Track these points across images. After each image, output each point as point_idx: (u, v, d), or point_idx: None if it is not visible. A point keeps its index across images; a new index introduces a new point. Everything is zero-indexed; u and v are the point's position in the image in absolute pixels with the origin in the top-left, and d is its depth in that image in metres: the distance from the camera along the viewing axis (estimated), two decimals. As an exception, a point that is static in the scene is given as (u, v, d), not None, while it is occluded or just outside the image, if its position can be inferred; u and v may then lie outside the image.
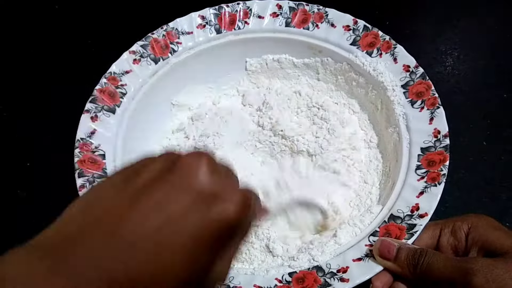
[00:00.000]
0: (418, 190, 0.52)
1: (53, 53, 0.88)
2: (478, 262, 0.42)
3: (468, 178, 0.67)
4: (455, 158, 0.66)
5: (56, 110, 0.78)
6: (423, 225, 0.49)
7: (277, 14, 0.68)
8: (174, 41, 0.67)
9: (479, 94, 0.76)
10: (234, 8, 0.68)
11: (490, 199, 0.65)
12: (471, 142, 0.70)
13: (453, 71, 0.79)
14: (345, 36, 0.65)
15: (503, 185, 0.66)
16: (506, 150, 0.69)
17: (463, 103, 0.74)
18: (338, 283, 0.46)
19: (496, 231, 0.45)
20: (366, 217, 0.54)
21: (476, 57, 0.81)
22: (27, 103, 0.82)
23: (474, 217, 0.47)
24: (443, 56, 0.81)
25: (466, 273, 0.41)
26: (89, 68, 0.65)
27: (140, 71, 0.64)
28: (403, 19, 0.86)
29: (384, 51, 0.62)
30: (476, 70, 0.79)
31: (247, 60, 0.71)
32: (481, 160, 0.69)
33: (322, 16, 0.66)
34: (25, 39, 0.91)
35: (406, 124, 0.58)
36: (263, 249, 0.56)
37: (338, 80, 0.68)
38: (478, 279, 0.40)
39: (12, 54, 0.89)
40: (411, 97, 0.59)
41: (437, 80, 0.76)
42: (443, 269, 0.43)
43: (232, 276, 0.48)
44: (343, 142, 0.63)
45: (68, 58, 0.86)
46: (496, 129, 0.71)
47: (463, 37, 0.83)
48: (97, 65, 0.64)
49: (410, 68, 0.60)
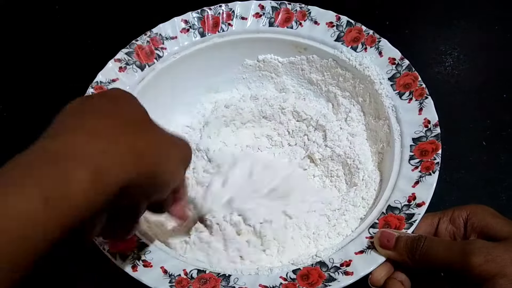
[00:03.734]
0: (413, 180, 0.52)
1: (53, 53, 0.87)
2: (477, 243, 0.42)
3: (468, 178, 0.68)
4: (455, 158, 0.68)
5: (56, 110, 0.77)
6: (421, 214, 0.49)
7: (260, 15, 0.68)
8: (159, 46, 0.66)
9: (479, 94, 0.76)
10: (216, 11, 0.68)
11: (490, 199, 0.66)
12: (471, 142, 0.71)
13: (453, 71, 0.79)
14: (329, 33, 0.65)
15: (503, 185, 0.67)
16: (506, 150, 0.70)
17: (463, 103, 0.75)
18: (343, 276, 0.46)
19: (494, 218, 0.46)
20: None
21: (476, 57, 0.81)
22: (27, 103, 0.81)
23: (472, 206, 0.48)
24: (443, 56, 0.81)
25: (465, 253, 0.41)
26: (89, 68, 0.64)
27: (127, 78, 0.64)
28: (403, 19, 0.87)
29: (368, 45, 0.63)
30: (476, 70, 0.80)
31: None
32: (481, 160, 0.69)
33: (305, 14, 0.67)
34: (25, 39, 0.90)
35: (395, 116, 0.58)
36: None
37: (325, 77, 0.68)
38: (477, 259, 0.40)
39: (12, 54, 0.88)
40: (399, 89, 0.60)
41: (437, 80, 0.78)
42: (442, 252, 0.43)
43: (236, 277, 0.48)
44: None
45: (68, 58, 0.86)
46: (496, 129, 0.72)
47: (463, 37, 0.84)
48: (97, 65, 0.63)
49: (396, 60, 0.61)
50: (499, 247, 0.41)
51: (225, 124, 0.69)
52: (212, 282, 0.48)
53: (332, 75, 0.67)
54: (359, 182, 0.60)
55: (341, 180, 0.64)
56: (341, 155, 0.63)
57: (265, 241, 0.56)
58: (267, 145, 0.69)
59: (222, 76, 0.72)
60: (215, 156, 0.64)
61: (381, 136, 0.61)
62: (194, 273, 0.49)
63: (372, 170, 0.61)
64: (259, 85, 0.73)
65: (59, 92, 0.79)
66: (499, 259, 0.40)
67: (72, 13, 0.93)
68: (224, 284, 0.48)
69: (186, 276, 0.48)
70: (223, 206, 0.57)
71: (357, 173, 0.61)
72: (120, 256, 0.49)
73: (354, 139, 0.64)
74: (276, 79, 0.72)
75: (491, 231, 0.45)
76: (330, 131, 0.65)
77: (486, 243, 0.42)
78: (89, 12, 0.93)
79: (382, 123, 0.60)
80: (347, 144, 0.64)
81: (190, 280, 0.48)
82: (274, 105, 0.70)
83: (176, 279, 0.48)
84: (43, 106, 0.78)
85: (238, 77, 0.73)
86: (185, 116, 0.72)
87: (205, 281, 0.48)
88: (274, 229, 0.56)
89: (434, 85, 0.59)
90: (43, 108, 0.78)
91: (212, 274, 0.49)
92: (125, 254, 0.49)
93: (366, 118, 0.65)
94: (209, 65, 0.70)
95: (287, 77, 0.72)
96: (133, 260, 0.49)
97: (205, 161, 0.64)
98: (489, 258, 0.40)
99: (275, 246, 0.56)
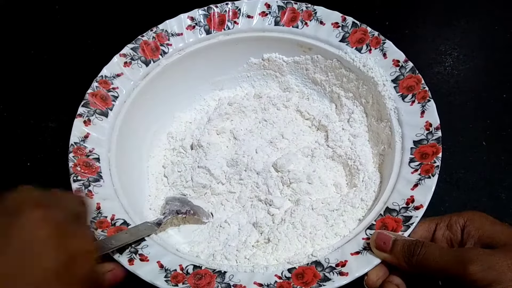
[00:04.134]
0: (413, 182, 0.52)
1: (53, 53, 0.88)
2: (475, 251, 0.42)
3: (468, 178, 0.67)
4: (455, 158, 0.67)
5: (56, 109, 0.78)
6: (419, 217, 0.49)
7: (266, 13, 0.68)
8: (164, 43, 0.67)
9: (479, 94, 0.76)
10: (223, 9, 0.69)
11: (489, 199, 0.65)
12: (471, 142, 0.71)
13: (453, 71, 0.79)
14: (334, 33, 0.65)
15: (503, 185, 0.67)
16: (506, 150, 0.70)
17: (463, 103, 0.75)
18: (338, 277, 0.46)
19: (492, 224, 0.45)
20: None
21: (476, 57, 0.81)
22: (27, 103, 0.82)
23: (469, 212, 0.48)
24: (443, 56, 0.81)
25: (462, 261, 0.41)
26: (90, 68, 0.64)
27: (131, 73, 0.64)
28: (403, 19, 0.87)
29: (373, 46, 0.63)
30: (476, 70, 0.80)
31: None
32: (481, 160, 0.69)
33: (311, 14, 0.67)
34: (25, 39, 0.91)
35: (397, 118, 0.58)
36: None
37: (329, 77, 0.68)
38: (474, 267, 0.40)
39: (12, 54, 0.89)
40: (402, 91, 0.59)
41: (437, 80, 0.77)
42: (439, 259, 0.43)
43: (231, 274, 0.49)
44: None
45: (68, 58, 0.86)
46: (496, 129, 0.72)
47: (463, 37, 0.84)
48: (97, 65, 0.64)
49: (400, 62, 0.61)
50: (495, 254, 0.41)
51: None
52: (207, 278, 0.48)
53: (336, 76, 0.67)
54: (359, 183, 0.60)
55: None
56: (342, 156, 0.63)
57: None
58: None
59: (226, 74, 0.72)
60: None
61: (383, 138, 0.61)
62: (190, 269, 0.49)
63: (373, 172, 0.61)
64: (263, 84, 0.74)
65: (59, 92, 0.80)
66: (496, 266, 0.40)
67: (72, 13, 0.94)
68: (219, 280, 0.48)
69: (182, 272, 0.48)
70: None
71: (358, 174, 0.61)
72: (117, 249, 0.49)
73: (356, 140, 0.64)
74: (280, 78, 0.72)
75: (488, 238, 0.44)
76: (332, 131, 0.65)
77: (483, 251, 0.42)
78: (89, 12, 0.94)
79: (384, 125, 0.60)
80: (349, 145, 0.64)
81: (185, 276, 0.48)
82: (277, 104, 0.70)
83: (172, 274, 0.48)
84: (43, 106, 0.80)
85: (242, 75, 0.73)
86: (188, 112, 0.72)
87: (201, 276, 0.48)
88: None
89: (434, 85, 0.59)
90: (43, 108, 0.79)
91: (207, 270, 0.49)
92: (122, 248, 0.49)
93: (369, 120, 0.65)
94: (213, 63, 0.70)
95: (291, 77, 0.72)
96: (130, 254, 0.49)
97: (204, 160, 0.65)
98: (486, 266, 0.40)
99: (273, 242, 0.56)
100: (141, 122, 0.66)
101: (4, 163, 0.74)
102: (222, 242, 0.59)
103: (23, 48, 0.89)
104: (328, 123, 0.66)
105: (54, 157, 0.72)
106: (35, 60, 0.87)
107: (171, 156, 0.68)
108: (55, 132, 0.76)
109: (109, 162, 0.58)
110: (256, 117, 0.70)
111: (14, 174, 0.72)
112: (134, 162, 0.65)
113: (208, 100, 0.73)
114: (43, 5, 0.94)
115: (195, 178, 0.63)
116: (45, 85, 0.83)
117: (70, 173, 0.55)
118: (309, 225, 0.56)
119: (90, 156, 0.57)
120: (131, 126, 0.63)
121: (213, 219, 0.62)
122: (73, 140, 0.58)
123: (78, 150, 0.57)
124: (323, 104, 0.70)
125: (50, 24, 0.92)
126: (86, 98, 0.61)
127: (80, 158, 0.57)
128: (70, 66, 0.85)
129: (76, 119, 0.59)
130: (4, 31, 0.92)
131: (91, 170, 0.56)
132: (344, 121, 0.67)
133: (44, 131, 0.77)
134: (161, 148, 0.69)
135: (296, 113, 0.70)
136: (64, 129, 0.60)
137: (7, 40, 0.90)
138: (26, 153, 0.74)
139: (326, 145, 0.65)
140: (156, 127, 0.69)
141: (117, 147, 0.60)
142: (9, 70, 0.86)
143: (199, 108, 0.72)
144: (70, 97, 0.64)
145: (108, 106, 0.62)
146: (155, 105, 0.68)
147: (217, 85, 0.73)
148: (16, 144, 0.76)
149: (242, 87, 0.74)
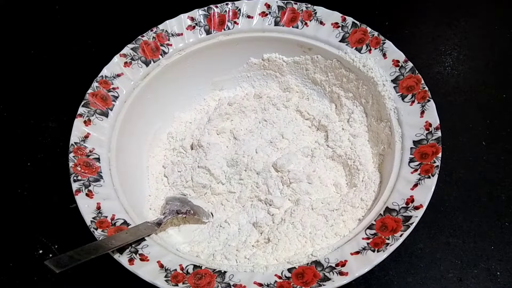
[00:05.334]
0: (412, 182, 0.52)
1: (53, 53, 0.88)
2: None
3: (467, 178, 0.67)
4: (455, 158, 0.67)
5: (56, 109, 0.78)
6: (418, 216, 0.49)
7: (266, 14, 0.68)
8: (165, 43, 0.67)
9: (479, 94, 0.76)
10: (223, 9, 0.69)
11: (489, 198, 0.65)
12: (471, 142, 0.71)
13: (453, 71, 0.79)
14: (334, 33, 0.65)
15: (503, 185, 0.67)
16: (506, 150, 0.70)
17: (463, 103, 0.75)
18: (338, 277, 0.46)
19: None
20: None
21: (476, 57, 0.81)
22: (27, 103, 0.82)
23: None
24: (443, 56, 0.82)
25: None
26: (90, 68, 0.64)
27: (132, 73, 0.64)
28: (403, 19, 0.87)
29: (373, 46, 0.63)
30: (476, 70, 0.80)
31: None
32: (481, 160, 0.69)
33: (311, 14, 0.67)
34: (25, 39, 0.91)
35: (397, 118, 0.58)
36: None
37: (329, 77, 0.68)
38: None
39: (12, 54, 0.89)
40: (402, 91, 0.59)
41: (437, 80, 0.78)
42: None
43: (231, 274, 0.49)
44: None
45: (68, 58, 0.87)
46: (496, 129, 0.72)
47: (463, 37, 0.84)
48: (97, 65, 0.64)
49: (400, 62, 0.61)
50: None
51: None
52: (207, 278, 0.48)
53: (336, 76, 0.68)
54: (359, 183, 0.60)
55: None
56: (342, 156, 0.63)
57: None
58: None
59: (226, 74, 0.73)
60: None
61: (382, 138, 0.61)
62: (190, 269, 0.49)
63: (372, 172, 0.61)
64: (263, 84, 0.74)
65: (59, 92, 0.80)
66: None
67: (72, 13, 0.94)
68: (219, 280, 0.48)
69: (182, 271, 0.48)
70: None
71: (357, 174, 0.61)
72: (117, 249, 0.49)
73: (356, 140, 0.64)
74: (280, 78, 0.72)
75: None
76: (332, 131, 0.65)
77: None
78: (89, 12, 0.94)
79: (383, 125, 0.60)
80: (349, 145, 0.64)
81: (185, 275, 0.48)
82: (277, 104, 0.70)
83: (172, 273, 0.48)
84: (43, 106, 0.80)
85: (242, 75, 0.73)
86: (188, 112, 0.72)
87: (201, 276, 0.48)
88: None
89: (434, 85, 0.59)
90: (43, 108, 0.80)
91: (207, 270, 0.49)
92: (122, 248, 0.49)
93: (368, 120, 0.65)
94: (213, 63, 0.70)
95: (291, 77, 0.72)
96: (130, 254, 0.49)
97: (204, 160, 0.65)
98: None
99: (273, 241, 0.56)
100: (141, 122, 0.66)
101: (4, 163, 0.74)
102: (222, 242, 0.59)
103: (23, 48, 0.89)
104: (328, 123, 0.66)
105: (54, 157, 0.72)
106: (35, 60, 0.87)
107: (171, 156, 0.68)
108: (55, 132, 0.76)
109: (109, 162, 0.58)
110: (256, 117, 0.70)
111: (14, 174, 0.72)
112: (134, 162, 0.65)
113: (208, 100, 0.73)
114: (43, 5, 0.94)
115: (195, 178, 0.63)
116: (45, 85, 0.83)
117: (70, 173, 0.55)
118: (309, 225, 0.56)
119: (90, 156, 0.57)
120: (131, 126, 0.63)
121: (213, 219, 0.62)
122: (73, 140, 0.58)
123: (78, 150, 0.57)
124: (323, 104, 0.70)
125: (50, 24, 0.92)
126: (86, 98, 0.61)
127: (80, 158, 0.57)
128: (70, 66, 0.85)
129: (76, 119, 0.59)
130: (4, 31, 0.92)
131: (91, 170, 0.56)
132: (344, 121, 0.67)
133: (44, 131, 0.77)
134: (161, 148, 0.69)
135: (296, 113, 0.70)
136: (64, 129, 0.60)
137: (7, 40, 0.91)
138: (26, 153, 0.74)
139: (326, 145, 0.65)
140: (156, 127, 0.69)
141: (117, 147, 0.60)
142: (9, 70, 0.86)
143: (199, 108, 0.73)
144: (70, 97, 0.64)
145: (108, 106, 0.62)
146: (155, 105, 0.68)
147: (217, 85, 0.73)
148: (16, 144, 0.76)
149: (242, 87, 0.74)
